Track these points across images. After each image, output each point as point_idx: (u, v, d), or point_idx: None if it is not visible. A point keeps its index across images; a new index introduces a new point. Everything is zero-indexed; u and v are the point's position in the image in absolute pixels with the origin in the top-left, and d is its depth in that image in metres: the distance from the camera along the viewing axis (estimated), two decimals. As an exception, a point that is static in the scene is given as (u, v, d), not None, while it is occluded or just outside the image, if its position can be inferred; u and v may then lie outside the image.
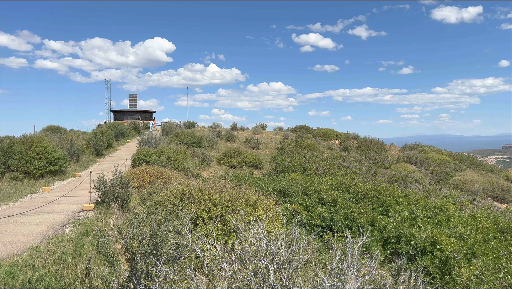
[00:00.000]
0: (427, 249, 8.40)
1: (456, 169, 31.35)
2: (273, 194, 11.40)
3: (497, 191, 26.20)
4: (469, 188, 25.80)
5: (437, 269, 7.84)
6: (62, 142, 19.36)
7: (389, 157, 32.70)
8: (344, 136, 39.80)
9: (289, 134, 39.06)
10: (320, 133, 39.42)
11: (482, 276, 7.51)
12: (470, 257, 8.35)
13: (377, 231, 9.55)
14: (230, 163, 23.22)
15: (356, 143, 36.78)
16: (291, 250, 3.87)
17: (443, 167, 30.72)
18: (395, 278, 6.63)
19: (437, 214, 10.76)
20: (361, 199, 11.76)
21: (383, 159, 30.84)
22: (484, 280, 7.45)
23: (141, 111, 55.56)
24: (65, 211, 9.54)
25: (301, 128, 43.07)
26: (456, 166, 32.27)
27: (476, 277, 7.47)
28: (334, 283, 3.64)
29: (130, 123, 41.43)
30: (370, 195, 11.93)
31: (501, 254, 8.85)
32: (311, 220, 10.20)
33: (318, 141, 35.01)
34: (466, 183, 26.46)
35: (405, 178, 23.45)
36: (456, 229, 9.36)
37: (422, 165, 31.55)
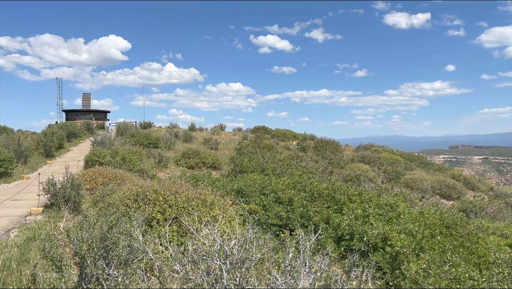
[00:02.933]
0: (378, 245, 8.70)
1: (407, 168, 32.73)
2: (230, 194, 11.38)
3: (444, 188, 27.63)
4: (419, 186, 27.03)
5: (387, 264, 8.14)
6: (8, 143, 18.31)
7: (344, 157, 33.61)
8: (302, 137, 40.47)
9: (248, 135, 39.19)
10: (279, 134, 39.86)
11: (429, 270, 7.88)
12: (419, 251, 8.74)
13: (332, 229, 9.78)
14: (188, 164, 22.95)
15: (313, 143, 37.49)
16: (245, 249, 3.87)
17: (395, 166, 31.98)
18: (347, 274, 6.80)
19: (389, 211, 11.16)
20: (317, 198, 11.99)
21: (338, 158, 31.64)
22: (431, 273, 7.82)
23: (95, 111, 53.72)
24: (10, 215, 9.04)
25: (260, 129, 43.34)
26: (407, 165, 33.69)
27: (424, 271, 7.83)
28: (287, 280, 3.67)
29: (83, 124, 39.94)
30: (326, 193, 12.19)
31: (447, 248, 9.34)
32: (268, 219, 10.28)
33: (277, 142, 35.38)
34: (416, 182, 27.70)
35: (359, 177, 24.18)
36: (406, 225, 9.75)
37: (375, 164, 32.67)
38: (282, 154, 28.96)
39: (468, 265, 8.77)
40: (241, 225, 7.06)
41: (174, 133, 32.72)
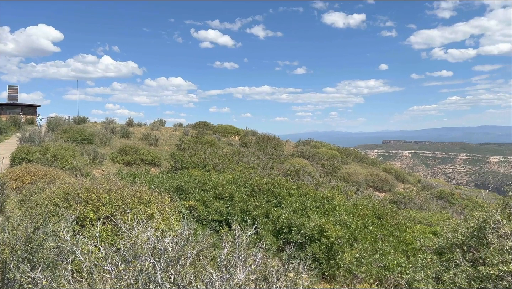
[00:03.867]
0: (315, 237, 8.99)
1: (343, 162, 34.12)
2: (169, 191, 11.15)
3: (377, 181, 29.18)
4: (354, 179, 28.31)
5: (323, 255, 8.45)
6: None
7: (285, 152, 34.30)
8: (244, 133, 40.67)
9: (190, 130, 38.64)
10: (221, 130, 39.74)
11: (362, 258, 8.29)
12: (352, 242, 9.16)
13: (271, 223, 9.94)
14: (125, 161, 22.15)
15: (254, 139, 37.83)
16: (180, 246, 3.81)
17: (332, 161, 33.20)
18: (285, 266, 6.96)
19: (325, 204, 11.56)
20: (257, 193, 12.12)
21: (279, 154, 32.22)
22: (363, 262, 8.23)
23: (23, 105, 49.98)
24: None
25: (202, 124, 42.91)
26: (343, 159, 35.11)
27: (357, 260, 8.22)
28: (222, 275, 3.67)
29: (9, 119, 37.01)
30: (266, 188, 12.36)
31: (378, 237, 9.87)
32: (208, 215, 10.23)
33: (219, 138, 35.24)
34: (352, 175, 28.97)
35: (299, 172, 24.82)
36: (341, 217, 10.16)
37: (314, 159, 33.68)
38: (224, 149, 28.92)
39: (397, 253, 9.35)
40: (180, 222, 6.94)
41: (111, 129, 31.39)
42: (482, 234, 6.06)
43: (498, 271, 4.82)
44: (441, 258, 6.19)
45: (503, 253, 5.08)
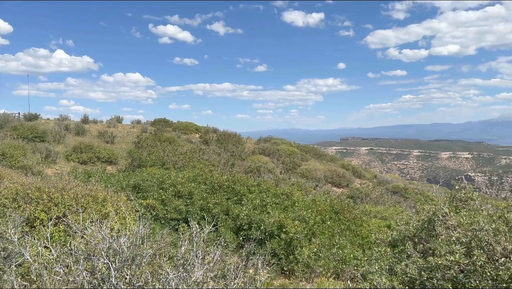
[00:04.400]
0: (275, 232, 9.09)
1: (303, 159, 34.67)
2: (126, 189, 10.88)
3: (335, 177, 29.89)
4: (313, 175, 28.85)
5: (283, 250, 8.55)
6: None
7: (246, 149, 34.38)
8: (204, 130, 40.33)
9: (148, 127, 37.79)
10: (181, 127, 39.16)
11: (320, 253, 8.47)
12: (311, 236, 9.34)
13: (231, 220, 9.94)
14: (80, 159, 21.36)
15: (215, 136, 37.62)
16: (135, 246, 3.72)
17: (292, 158, 33.65)
18: (244, 262, 6.99)
19: (285, 200, 11.70)
20: (218, 190, 12.07)
21: (240, 151, 32.25)
22: (321, 256, 8.42)
23: (-32, 100, 46.96)
24: None
25: (161, 121, 42.08)
26: (303, 156, 35.67)
27: (315, 254, 8.40)
28: (179, 274, 3.62)
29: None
30: (226, 185, 12.33)
31: (335, 232, 10.12)
32: (167, 214, 10.07)
33: (178, 135, 34.73)
34: (311, 171, 29.50)
35: (260, 169, 24.96)
36: (300, 212, 10.33)
37: (274, 156, 33.98)
38: (184, 147, 28.55)
39: (353, 246, 9.64)
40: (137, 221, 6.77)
41: (65, 126, 30.11)
42: (432, 226, 6.35)
43: (445, 261, 5.07)
44: (394, 250, 6.43)
45: (450, 244, 5.35)
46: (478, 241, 5.25)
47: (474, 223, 5.58)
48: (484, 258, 4.96)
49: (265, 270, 6.70)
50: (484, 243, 5.19)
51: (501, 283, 4.69)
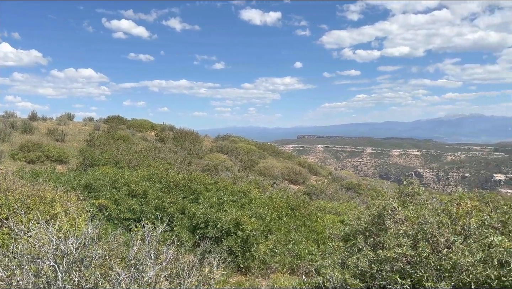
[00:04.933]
0: (231, 230, 9.09)
1: (261, 157, 34.92)
2: (77, 189, 10.47)
3: (292, 174, 30.36)
4: (271, 173, 29.13)
5: (239, 248, 8.58)
6: None
7: (204, 147, 34.11)
8: (160, 128, 39.53)
9: (101, 125, 36.51)
10: (135, 125, 38.15)
11: (276, 249, 8.58)
12: (267, 233, 9.43)
13: (187, 218, 9.83)
14: (27, 158, 20.28)
15: (172, 134, 37.01)
16: (84, 247, 3.59)
17: (250, 156, 33.80)
18: (200, 261, 6.95)
19: (242, 198, 11.73)
20: (173, 189, 11.89)
21: (197, 149, 31.95)
22: (277, 252, 8.52)
23: None
24: None
25: (115, 119, 40.78)
26: (260, 154, 35.93)
27: (271, 251, 8.49)
28: (131, 274, 3.54)
29: None
30: (182, 184, 12.17)
31: (291, 228, 10.28)
32: (120, 214, 9.79)
33: (133, 133, 33.84)
34: (269, 169, 29.78)
35: (217, 167, 24.86)
36: (256, 210, 10.40)
37: (232, 154, 33.97)
38: (139, 145, 27.86)
39: (308, 242, 9.84)
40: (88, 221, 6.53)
41: (10, 123, 28.45)
42: (382, 220, 6.60)
43: (394, 254, 5.29)
44: (347, 245, 6.63)
45: (398, 237, 5.58)
46: (423, 233, 5.52)
47: (420, 216, 5.85)
48: (429, 249, 5.22)
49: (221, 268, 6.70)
50: (429, 235, 5.47)
51: (444, 272, 4.96)
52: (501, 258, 4.57)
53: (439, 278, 4.86)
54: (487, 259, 4.71)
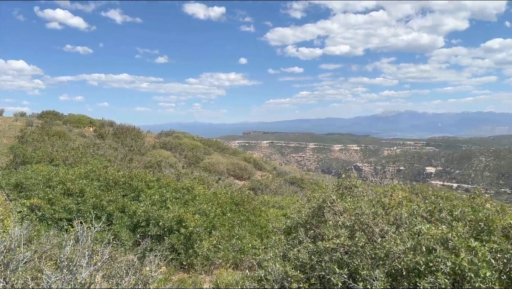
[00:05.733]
0: (174, 228, 8.93)
1: (206, 153, 34.65)
2: (6, 189, 9.76)
3: (237, 170, 30.45)
4: (216, 169, 29.02)
5: (182, 245, 8.45)
6: None
7: (146, 143, 33.18)
8: (99, 124, 37.85)
9: (34, 120, 34.25)
10: (72, 120, 36.21)
11: (219, 245, 8.56)
12: (211, 229, 9.38)
13: (128, 217, 9.52)
14: None
15: (112, 130, 35.59)
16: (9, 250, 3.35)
17: (195, 152, 33.42)
18: (140, 260, 6.76)
19: (185, 194, 11.56)
20: (113, 187, 11.45)
21: (139, 145, 31.02)
22: (220, 248, 8.51)
23: None
24: None
25: (49, 114, 38.41)
26: (206, 150, 35.65)
27: (214, 246, 8.46)
28: (63, 276, 3.35)
29: None
30: (122, 181, 11.76)
31: (235, 223, 10.32)
32: (55, 214, 9.25)
33: (70, 129, 32.11)
34: (214, 165, 29.63)
35: (160, 163, 24.32)
36: (200, 206, 10.30)
37: (176, 150, 33.39)
38: (76, 141, 26.50)
39: (252, 236, 9.93)
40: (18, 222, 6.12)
41: None
42: (322, 213, 6.82)
43: (332, 244, 5.48)
44: (288, 237, 6.77)
45: (337, 228, 5.80)
46: (360, 224, 5.78)
47: (357, 208, 6.12)
48: (365, 239, 5.48)
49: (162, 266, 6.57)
50: (365, 226, 5.73)
51: (378, 261, 5.23)
52: (428, 245, 4.90)
53: (373, 266, 5.11)
54: (416, 246, 5.02)
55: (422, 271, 4.74)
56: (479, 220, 5.28)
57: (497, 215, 5.25)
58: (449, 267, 4.56)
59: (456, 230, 4.96)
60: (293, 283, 5.22)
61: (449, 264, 4.56)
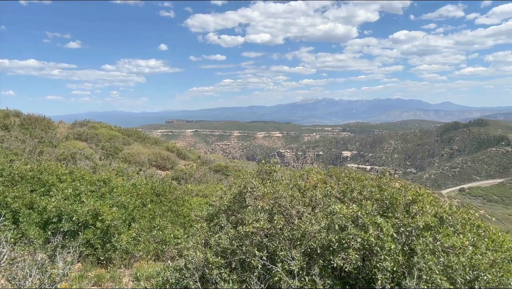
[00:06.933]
0: (89, 222, 8.44)
1: (125, 143, 33.24)
2: None
3: (159, 160, 29.67)
4: (137, 159, 27.98)
5: (99, 240, 8.04)
6: None
7: (58, 134, 30.88)
8: (4, 114, 34.35)
9: None
10: (-31, 111, 32.44)
11: (139, 237, 8.29)
12: (130, 222, 9.04)
13: (37, 213, 8.80)
14: None
15: (18, 121, 32.54)
16: None
17: (113, 142, 31.88)
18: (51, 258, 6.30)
19: (102, 187, 10.99)
20: (19, 182, 10.50)
21: (51, 137, 28.78)
22: (140, 240, 8.25)
23: None
24: None
25: None
26: (125, 140, 34.18)
27: (134, 239, 8.17)
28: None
29: None
30: (30, 176, 10.82)
31: (156, 214, 10.06)
32: None
33: (-34, 120, 28.74)
34: (134, 156, 28.54)
35: (75, 155, 22.84)
36: (118, 198, 9.85)
37: (92, 141, 31.56)
38: (-26, 134, 23.81)
39: (175, 226, 9.76)
40: None
41: None
42: (243, 198, 6.90)
43: (252, 228, 5.58)
44: (210, 224, 6.76)
45: (256, 212, 5.91)
46: (278, 207, 5.95)
47: (275, 192, 6.28)
48: (283, 221, 5.66)
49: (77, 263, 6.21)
50: (283, 209, 5.91)
51: (295, 241, 5.44)
52: (341, 224, 5.19)
53: (291, 246, 5.31)
54: (330, 225, 5.31)
55: (335, 248, 5.02)
56: (384, 199, 5.71)
57: (400, 193, 5.73)
58: (359, 243, 4.88)
59: (365, 208, 5.31)
60: (214, 270, 5.23)
61: (359, 240, 4.89)
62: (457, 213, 5.47)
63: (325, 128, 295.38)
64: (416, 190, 5.92)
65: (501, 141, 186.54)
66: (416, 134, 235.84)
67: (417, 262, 4.55)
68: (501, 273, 4.69)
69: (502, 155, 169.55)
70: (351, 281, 5.05)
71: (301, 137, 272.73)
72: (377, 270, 4.68)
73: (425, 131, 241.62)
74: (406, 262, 4.73)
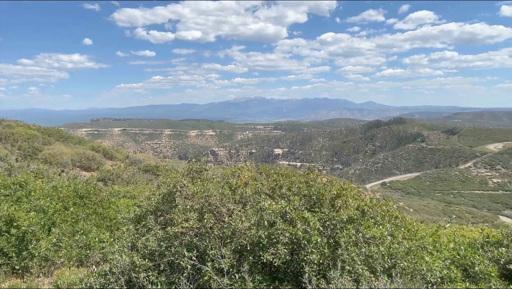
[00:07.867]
0: (3, 229, 7.73)
1: (46, 143, 31.00)
2: None
3: (84, 160, 28.04)
4: (58, 160, 26.20)
5: (13, 248, 7.39)
6: None
7: (-34, 134, 27.94)
8: None
9: None
10: None
11: (60, 243, 7.76)
12: (50, 227, 8.43)
13: None
14: None
15: None
16: None
17: (31, 142, 29.57)
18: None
19: (18, 190, 10.13)
20: None
21: (-43, 137, 25.95)
22: (62, 246, 7.73)
23: None
24: None
25: None
26: (45, 140, 31.88)
27: (55, 245, 7.63)
28: None
29: None
30: None
31: (80, 217, 9.48)
32: None
33: None
34: (55, 156, 26.69)
35: (-14, 157, 20.80)
36: (36, 202, 9.15)
37: (8, 141, 29.02)
38: None
39: (100, 230, 9.27)
40: None
41: None
42: (172, 198, 6.74)
43: (181, 229, 5.47)
44: (137, 227, 6.51)
45: (186, 212, 5.80)
46: (208, 206, 5.90)
47: (206, 190, 6.22)
48: (213, 220, 5.61)
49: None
50: (213, 207, 5.87)
51: (226, 239, 5.43)
52: (270, 219, 5.28)
53: (221, 245, 5.28)
54: (260, 221, 5.37)
55: (265, 244, 5.09)
56: (312, 194, 5.91)
57: (326, 188, 5.95)
58: (288, 237, 4.99)
59: (293, 204, 5.45)
60: (141, 273, 5.05)
61: (287, 235, 5.00)
62: (377, 205, 5.81)
63: (257, 127, 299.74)
64: (340, 185, 6.19)
65: (417, 138, 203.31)
66: (342, 132, 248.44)
67: (341, 253, 4.75)
68: (415, 260, 5.07)
69: (418, 150, 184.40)
70: (280, 275, 5.15)
71: (234, 136, 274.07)
72: (304, 263, 4.83)
73: (350, 129, 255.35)
74: (331, 254, 4.93)
